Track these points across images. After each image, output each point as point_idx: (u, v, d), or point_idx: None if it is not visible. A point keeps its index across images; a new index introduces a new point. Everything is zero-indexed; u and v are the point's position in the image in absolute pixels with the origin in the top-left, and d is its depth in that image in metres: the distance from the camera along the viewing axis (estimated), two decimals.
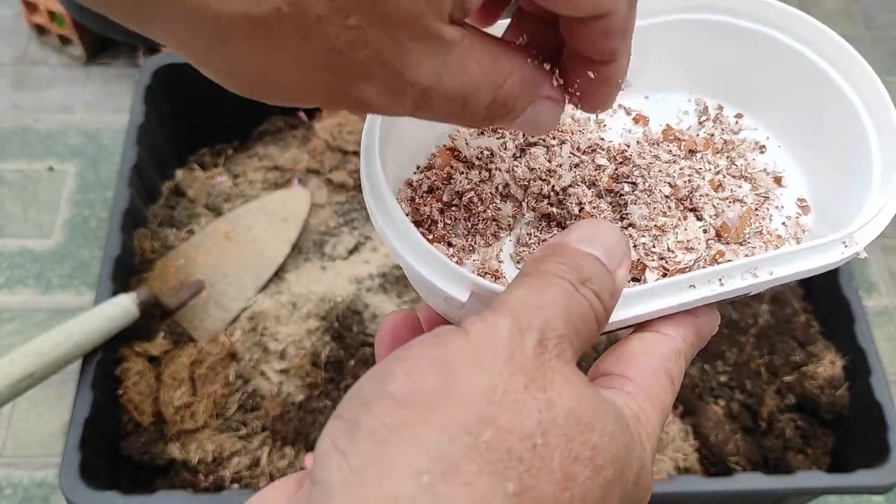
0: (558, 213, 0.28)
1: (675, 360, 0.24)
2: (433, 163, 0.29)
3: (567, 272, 0.21)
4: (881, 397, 0.63)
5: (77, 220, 0.93)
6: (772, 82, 0.31)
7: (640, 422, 0.21)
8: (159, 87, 0.78)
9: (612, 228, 0.22)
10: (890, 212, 0.27)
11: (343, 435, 0.18)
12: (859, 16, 1.18)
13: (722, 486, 0.58)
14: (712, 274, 0.25)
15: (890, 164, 0.28)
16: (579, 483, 0.18)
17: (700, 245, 0.28)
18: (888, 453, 0.60)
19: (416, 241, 0.24)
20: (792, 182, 0.31)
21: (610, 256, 0.22)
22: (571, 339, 0.20)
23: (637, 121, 0.32)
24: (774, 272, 0.25)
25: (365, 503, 0.16)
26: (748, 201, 0.29)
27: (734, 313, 0.69)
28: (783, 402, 0.67)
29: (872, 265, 0.96)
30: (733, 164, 0.31)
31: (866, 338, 0.66)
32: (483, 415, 0.17)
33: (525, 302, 0.20)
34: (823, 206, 0.30)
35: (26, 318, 0.86)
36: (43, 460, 0.77)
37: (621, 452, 0.19)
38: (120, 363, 0.64)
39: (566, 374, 0.19)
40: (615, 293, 0.22)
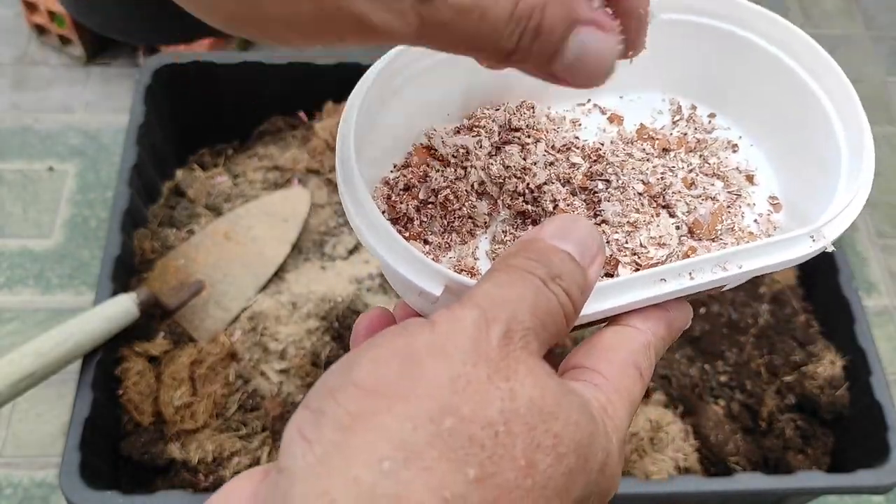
0: (533, 210, 0.29)
1: (645, 354, 0.24)
2: (409, 161, 0.29)
3: (537, 268, 0.21)
4: (881, 397, 0.63)
5: (77, 220, 0.93)
6: (744, 82, 0.32)
7: (606, 413, 0.21)
8: (159, 87, 0.78)
9: (586, 224, 0.23)
10: (857, 207, 0.27)
11: (308, 424, 0.18)
12: (859, 15, 1.18)
13: (722, 486, 0.58)
14: (682, 268, 0.25)
15: (857, 161, 0.28)
16: (541, 470, 0.18)
17: (672, 241, 0.28)
18: (888, 453, 0.60)
19: (391, 237, 0.24)
20: (763, 180, 0.31)
21: (583, 252, 0.22)
22: (538, 333, 0.20)
23: (612, 120, 0.32)
24: (744, 266, 0.25)
25: (328, 489, 0.17)
26: (720, 199, 0.30)
27: (734, 313, 0.69)
28: (783, 402, 0.67)
29: (872, 265, 0.96)
30: (706, 163, 0.31)
31: (866, 338, 0.66)
32: (446, 404, 0.18)
33: (493, 295, 0.20)
34: (794, 203, 0.30)
35: (26, 318, 0.86)
36: (43, 460, 0.77)
37: (585, 441, 0.19)
38: (120, 363, 0.64)
39: (530, 365, 0.19)
40: (585, 290, 0.22)
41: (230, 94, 0.80)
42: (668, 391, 0.65)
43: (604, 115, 0.33)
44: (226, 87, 0.79)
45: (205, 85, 0.79)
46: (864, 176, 0.28)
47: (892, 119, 1.06)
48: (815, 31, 1.15)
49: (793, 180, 0.31)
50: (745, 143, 0.32)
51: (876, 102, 1.07)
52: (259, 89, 0.81)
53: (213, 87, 0.79)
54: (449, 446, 0.17)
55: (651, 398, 0.65)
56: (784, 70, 0.30)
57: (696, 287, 0.25)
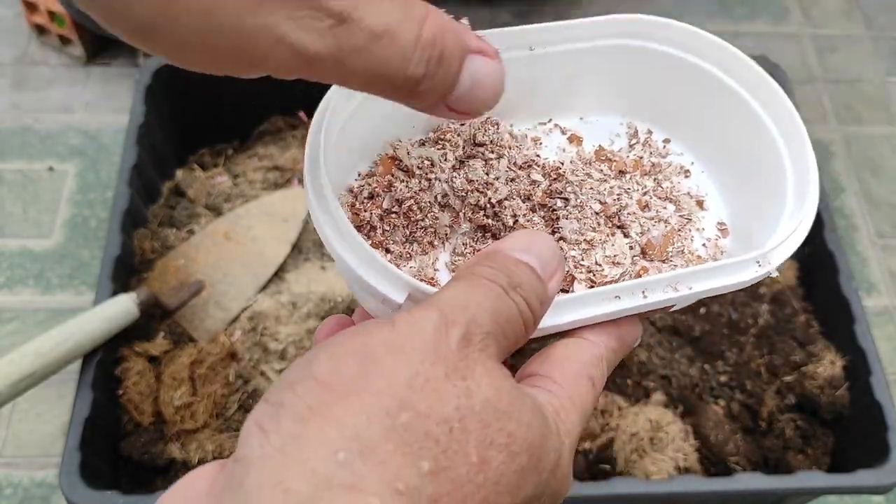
0: (493, 224, 0.29)
1: (598, 365, 0.25)
2: (375, 170, 0.30)
3: (499, 276, 0.22)
4: (881, 397, 0.63)
5: (77, 220, 0.93)
6: (698, 110, 0.33)
7: (559, 417, 0.22)
8: (159, 87, 0.78)
9: (547, 240, 0.24)
10: (801, 235, 0.28)
11: (267, 416, 0.18)
12: (860, 15, 1.18)
13: (722, 486, 0.58)
14: (636, 286, 0.26)
15: (802, 190, 0.30)
16: (494, 467, 0.19)
17: (626, 260, 0.29)
18: (888, 453, 0.60)
19: (357, 243, 0.24)
20: (713, 206, 0.33)
21: (544, 266, 0.23)
22: (497, 338, 0.21)
23: (571, 140, 0.33)
24: (693, 287, 0.26)
25: (283, 478, 0.17)
26: (672, 222, 0.31)
27: (734, 313, 0.69)
28: (783, 402, 0.67)
29: (872, 265, 0.96)
30: (660, 186, 0.32)
31: (866, 338, 0.66)
32: (402, 400, 0.18)
33: (454, 299, 0.21)
34: (741, 229, 0.32)
35: (26, 318, 0.86)
36: (43, 460, 0.77)
37: (537, 442, 0.20)
38: (120, 363, 0.64)
39: (488, 366, 0.20)
40: (545, 301, 0.23)
41: (230, 94, 0.80)
42: (668, 391, 0.65)
43: (564, 135, 0.33)
44: (226, 87, 0.79)
45: (205, 85, 0.79)
46: (809, 206, 0.29)
47: (892, 119, 1.06)
48: (815, 32, 1.15)
49: (740, 207, 0.32)
50: (697, 168, 0.33)
51: (876, 102, 1.07)
52: (259, 89, 0.80)
53: (213, 87, 0.79)
54: (404, 440, 0.18)
55: (651, 398, 0.65)
56: (736, 100, 0.32)
57: (649, 305, 0.26)
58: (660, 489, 0.58)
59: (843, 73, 1.11)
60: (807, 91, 1.09)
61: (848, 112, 1.07)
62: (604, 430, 0.63)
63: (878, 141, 1.04)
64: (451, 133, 0.31)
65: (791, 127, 0.30)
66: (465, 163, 0.31)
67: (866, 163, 1.02)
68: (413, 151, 0.30)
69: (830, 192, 0.99)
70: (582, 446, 0.62)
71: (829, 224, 0.73)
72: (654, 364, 0.66)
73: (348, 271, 0.25)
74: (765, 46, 1.11)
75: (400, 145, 0.30)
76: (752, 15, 1.15)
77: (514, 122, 0.33)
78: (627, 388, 0.65)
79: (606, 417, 0.63)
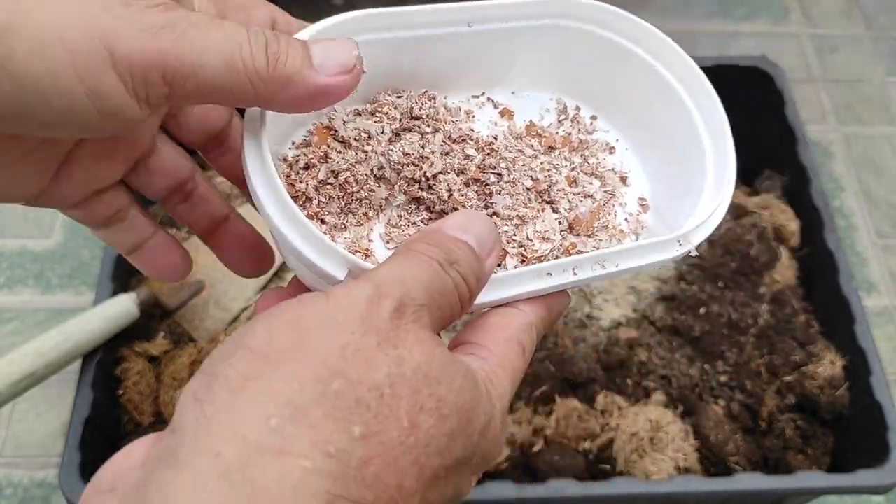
0: (428, 197, 0.30)
1: (528, 332, 0.26)
2: (310, 140, 0.30)
3: (436, 253, 0.22)
4: (881, 397, 0.63)
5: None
6: (624, 90, 0.34)
7: (491, 382, 0.23)
8: None
9: (486, 220, 0.25)
10: (720, 216, 0.30)
11: (202, 387, 0.19)
12: (860, 15, 1.18)
13: (722, 485, 0.59)
14: (567, 264, 0.27)
15: (721, 172, 0.31)
16: (424, 430, 0.19)
17: (555, 236, 0.30)
18: (888, 453, 0.60)
19: (297, 218, 0.25)
20: (635, 182, 0.34)
21: (481, 244, 0.24)
22: (431, 310, 0.22)
23: (503, 114, 0.34)
24: (620, 265, 0.28)
25: (215, 444, 0.17)
26: (597, 197, 0.32)
27: (734, 313, 0.69)
28: (783, 402, 0.67)
29: (872, 265, 0.96)
30: (586, 162, 0.34)
31: (866, 338, 0.66)
32: (334, 368, 0.19)
33: (389, 274, 0.21)
34: (661, 205, 0.33)
35: (26, 318, 0.86)
36: (43, 460, 0.77)
37: (468, 405, 0.21)
38: (120, 363, 0.64)
39: (420, 336, 0.21)
40: (482, 278, 0.24)
41: None
42: (667, 391, 0.65)
43: (496, 108, 0.34)
44: None
45: None
46: (727, 189, 0.31)
47: (893, 119, 1.06)
48: (815, 32, 1.15)
49: (661, 184, 0.34)
50: (622, 146, 0.35)
51: (876, 103, 1.07)
52: None
53: None
54: (335, 406, 0.18)
55: (651, 398, 0.65)
56: (662, 83, 0.33)
57: (578, 282, 0.27)
58: (660, 489, 0.58)
59: (843, 73, 1.11)
60: (806, 91, 1.09)
61: (848, 112, 1.07)
62: (604, 429, 0.63)
63: (878, 141, 1.04)
64: (388, 106, 0.31)
65: (713, 114, 0.32)
66: (402, 136, 0.31)
67: (866, 163, 1.02)
68: (349, 122, 0.30)
69: (830, 192, 0.99)
70: (582, 446, 0.62)
71: (828, 224, 0.73)
72: (654, 364, 0.66)
73: (287, 246, 0.25)
74: (765, 46, 1.11)
75: (335, 115, 0.31)
76: (751, 15, 1.15)
77: (449, 94, 0.34)
78: (627, 388, 0.65)
79: (606, 417, 0.63)
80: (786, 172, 0.79)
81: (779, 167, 0.80)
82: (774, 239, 0.73)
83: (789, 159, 0.78)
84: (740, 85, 0.83)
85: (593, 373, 0.64)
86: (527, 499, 0.56)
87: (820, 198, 0.75)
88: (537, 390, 0.63)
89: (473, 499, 0.56)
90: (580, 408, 0.63)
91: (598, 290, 0.70)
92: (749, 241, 0.71)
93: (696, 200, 0.31)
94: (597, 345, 0.66)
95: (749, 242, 0.71)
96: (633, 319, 0.69)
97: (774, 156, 0.81)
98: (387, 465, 0.19)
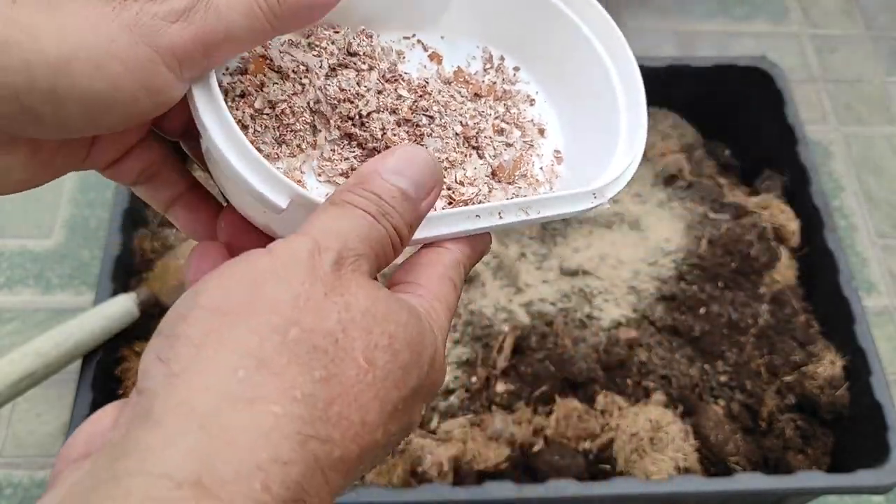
0: (361, 135, 0.31)
1: (457, 268, 0.27)
2: (246, 67, 0.30)
3: (369, 205, 0.24)
4: (881, 397, 0.63)
5: (77, 220, 0.94)
6: (545, 43, 0.36)
7: (431, 316, 0.24)
8: None
9: (425, 159, 0.26)
10: (631, 172, 0.32)
11: (164, 348, 0.20)
12: (859, 15, 1.18)
13: (722, 485, 0.59)
14: (494, 208, 0.29)
15: (634, 130, 0.33)
16: (380, 366, 0.21)
17: (480, 182, 0.32)
18: (888, 453, 0.60)
19: (243, 144, 0.25)
20: (552, 134, 0.36)
21: (418, 188, 0.25)
22: (368, 258, 0.23)
23: (432, 58, 0.35)
24: (542, 212, 0.30)
25: (186, 400, 0.18)
26: (518, 147, 0.34)
27: (734, 313, 0.69)
28: (783, 402, 0.67)
29: (872, 265, 0.96)
30: (508, 112, 0.35)
31: (866, 338, 0.66)
32: (288, 318, 0.20)
33: (326, 227, 0.23)
34: (575, 158, 0.35)
35: (26, 318, 0.86)
36: (43, 460, 0.77)
37: (416, 339, 0.22)
38: (120, 363, 0.64)
39: (361, 282, 0.22)
40: (415, 224, 0.25)
41: None
42: (668, 391, 0.65)
43: (426, 51, 0.35)
44: None
45: None
46: (638, 145, 0.33)
47: (893, 119, 1.06)
48: (815, 32, 1.15)
49: (576, 138, 0.36)
50: (542, 98, 0.36)
51: (876, 103, 1.07)
52: None
53: None
54: (295, 353, 0.19)
55: (651, 398, 0.65)
56: (583, 40, 0.35)
57: (503, 225, 0.29)
58: (660, 489, 0.58)
59: (843, 73, 1.11)
60: (806, 91, 1.09)
61: (848, 112, 1.07)
62: (604, 429, 0.63)
63: (878, 141, 1.04)
64: (326, 40, 0.32)
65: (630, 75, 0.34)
66: (338, 71, 0.32)
67: (866, 163, 1.02)
68: (285, 53, 0.31)
69: (830, 191, 0.99)
70: (582, 446, 0.62)
71: (828, 224, 0.73)
72: (654, 364, 0.66)
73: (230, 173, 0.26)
74: (764, 46, 1.11)
75: (272, 45, 0.31)
76: (751, 15, 1.15)
77: (381, 34, 0.34)
78: (627, 388, 0.65)
79: (606, 417, 0.63)
80: (786, 172, 0.79)
81: (779, 167, 0.81)
82: (774, 239, 0.73)
83: (789, 159, 0.78)
84: (740, 85, 0.84)
85: (593, 373, 0.64)
86: (527, 499, 0.56)
87: (820, 198, 0.75)
88: (537, 390, 0.63)
89: (473, 498, 0.56)
90: (580, 408, 0.63)
91: (598, 291, 0.70)
92: (749, 241, 0.71)
93: (609, 156, 0.33)
94: (597, 345, 0.66)
95: (749, 242, 0.71)
96: (633, 319, 0.69)
97: (774, 156, 0.81)
98: (348, 404, 0.20)
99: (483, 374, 0.64)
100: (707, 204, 0.76)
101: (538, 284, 0.71)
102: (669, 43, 1.10)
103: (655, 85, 0.83)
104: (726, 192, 0.78)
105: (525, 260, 0.72)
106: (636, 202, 0.77)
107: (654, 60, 0.82)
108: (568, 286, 0.70)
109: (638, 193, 0.77)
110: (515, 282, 0.70)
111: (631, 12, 1.12)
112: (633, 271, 0.72)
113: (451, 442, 0.60)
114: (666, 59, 0.82)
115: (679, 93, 0.83)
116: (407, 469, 0.59)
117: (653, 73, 0.82)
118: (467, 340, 0.66)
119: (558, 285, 0.70)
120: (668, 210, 0.76)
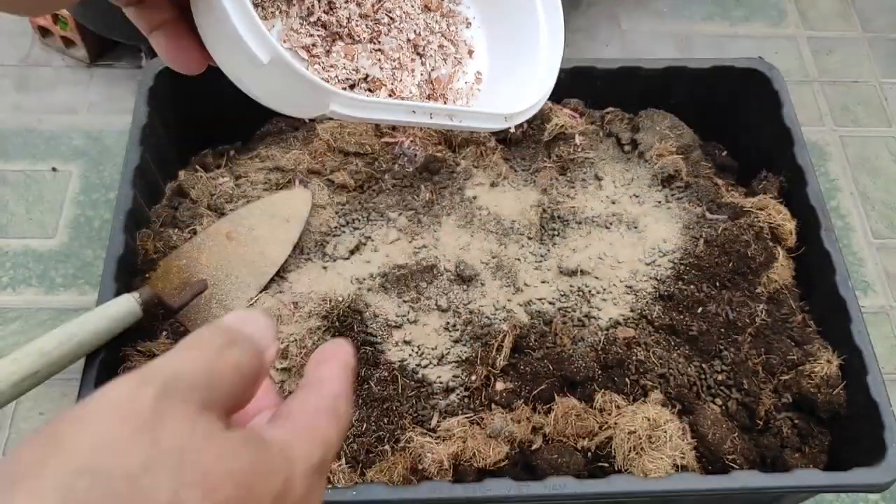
0: (328, 19, 0.34)
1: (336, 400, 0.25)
2: None
3: (212, 339, 0.22)
4: (877, 396, 0.63)
5: (80, 221, 0.94)
6: None
7: (291, 446, 0.22)
8: (162, 89, 0.78)
9: (264, 319, 0.25)
10: (538, 106, 0.37)
11: None
12: (856, 17, 1.18)
13: (719, 483, 0.59)
14: (427, 108, 0.33)
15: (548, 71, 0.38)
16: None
17: (417, 87, 0.36)
18: (884, 452, 0.61)
19: (242, 4, 0.28)
20: (479, 56, 0.40)
21: (261, 338, 0.24)
22: (201, 391, 0.21)
23: None
24: (463, 122, 0.34)
25: None
26: (450, 63, 0.38)
27: (731, 313, 0.70)
28: (780, 400, 0.67)
29: (869, 266, 0.97)
30: (449, 29, 0.39)
31: (863, 337, 0.67)
32: (80, 466, 0.18)
33: (159, 362, 0.21)
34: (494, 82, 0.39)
35: (29, 318, 0.86)
36: None
37: (249, 471, 0.20)
38: (123, 362, 0.65)
39: (183, 411, 0.20)
40: (264, 363, 0.24)
41: (232, 96, 0.80)
42: (665, 390, 0.66)
43: None
44: (228, 89, 0.79)
45: (207, 86, 0.80)
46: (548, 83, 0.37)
47: (889, 121, 1.06)
48: (811, 34, 1.16)
49: (498, 64, 0.40)
50: (476, 23, 0.41)
51: (872, 104, 1.08)
52: None
53: (216, 88, 0.79)
54: (84, 502, 0.18)
55: (649, 397, 0.65)
56: None
57: (431, 124, 0.33)
58: (658, 487, 0.58)
59: (840, 74, 1.11)
60: (803, 92, 1.09)
61: (844, 113, 1.08)
62: (602, 428, 0.63)
63: (874, 142, 1.05)
64: None
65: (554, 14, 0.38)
66: None
67: (862, 164, 1.03)
68: None
69: (827, 192, 1.00)
70: (580, 444, 0.63)
71: (825, 224, 0.73)
72: (652, 363, 0.67)
73: (222, 20, 0.28)
74: (762, 48, 1.12)
75: None
76: (749, 17, 1.16)
77: None
78: (625, 386, 0.66)
79: (605, 416, 0.64)
80: (783, 173, 0.80)
81: (776, 168, 0.81)
82: (771, 239, 0.74)
83: (786, 160, 0.79)
84: (738, 86, 0.84)
85: (591, 372, 0.65)
86: (526, 496, 0.57)
87: (816, 198, 0.75)
88: (536, 389, 0.64)
89: (473, 496, 0.57)
90: (579, 406, 0.63)
91: (596, 290, 0.71)
92: (746, 241, 0.72)
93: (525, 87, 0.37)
94: (595, 344, 0.67)
95: (746, 242, 0.72)
96: (631, 319, 0.69)
97: (772, 157, 0.82)
98: None
99: (482, 373, 0.64)
100: (704, 204, 0.77)
101: (537, 284, 0.71)
102: (667, 45, 1.10)
103: (654, 86, 0.84)
104: (723, 192, 0.79)
105: (524, 260, 0.73)
106: (634, 203, 0.77)
107: (652, 62, 0.82)
108: (566, 286, 0.71)
109: (636, 194, 0.78)
110: (514, 281, 0.71)
111: (629, 14, 1.13)
112: (630, 271, 0.72)
113: (450, 440, 0.61)
114: (664, 60, 0.83)
115: (677, 94, 0.84)
116: (407, 467, 0.60)
117: (651, 74, 0.82)
118: (467, 339, 0.67)
119: (557, 285, 0.71)
120: (665, 210, 0.77)
